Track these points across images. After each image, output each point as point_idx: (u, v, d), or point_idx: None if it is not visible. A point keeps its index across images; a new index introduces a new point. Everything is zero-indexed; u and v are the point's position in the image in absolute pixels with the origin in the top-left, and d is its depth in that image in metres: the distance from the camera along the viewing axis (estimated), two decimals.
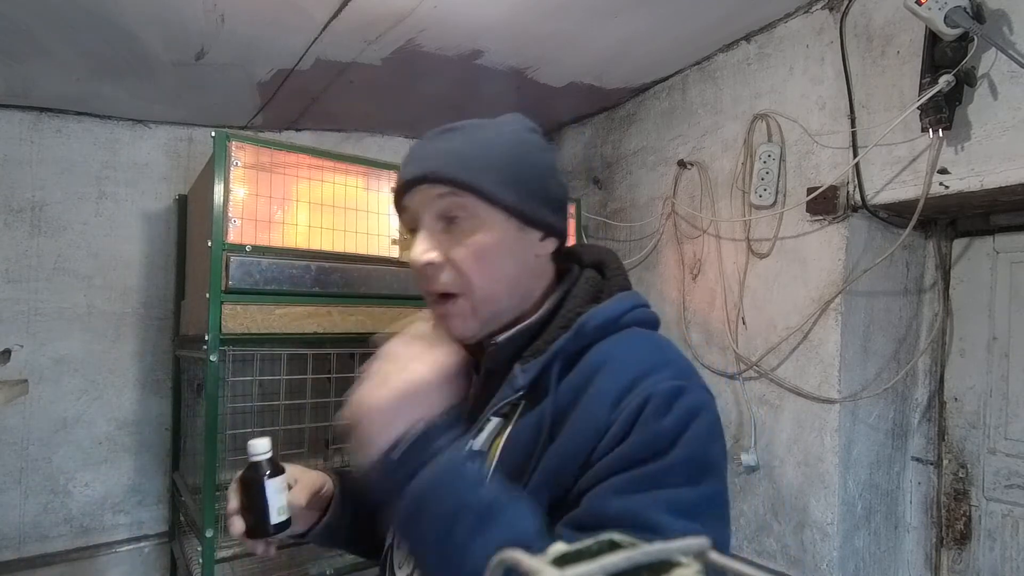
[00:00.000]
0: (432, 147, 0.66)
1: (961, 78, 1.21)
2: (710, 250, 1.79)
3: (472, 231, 0.64)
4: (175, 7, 1.35)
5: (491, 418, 0.65)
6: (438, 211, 0.65)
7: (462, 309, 0.66)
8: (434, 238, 0.66)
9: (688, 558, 0.22)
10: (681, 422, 0.57)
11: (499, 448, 0.64)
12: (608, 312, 0.66)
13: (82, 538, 1.87)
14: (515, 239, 0.66)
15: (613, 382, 0.60)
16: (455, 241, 0.65)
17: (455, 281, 0.65)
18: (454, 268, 0.65)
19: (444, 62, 1.70)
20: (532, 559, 0.21)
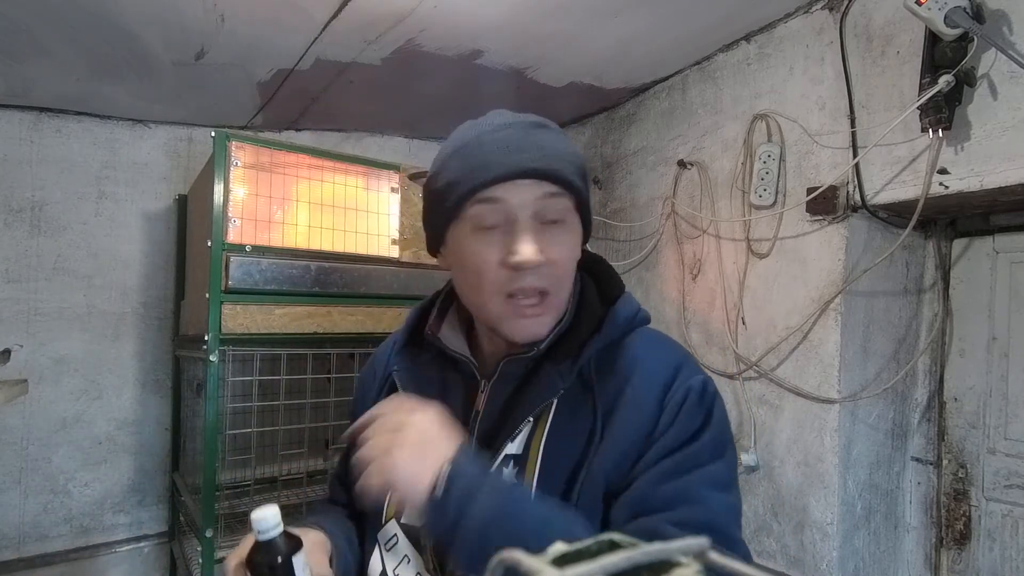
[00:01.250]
0: (533, 141, 0.65)
1: (961, 78, 1.21)
2: (710, 250, 1.79)
3: (568, 234, 0.68)
4: (175, 7, 1.35)
5: (531, 419, 0.66)
6: (540, 209, 0.65)
7: (551, 305, 0.68)
8: (539, 233, 0.65)
9: (688, 558, 0.22)
10: (709, 409, 0.65)
11: (540, 450, 0.64)
12: (625, 313, 0.71)
13: (82, 538, 1.87)
14: (578, 245, 0.71)
15: (654, 381, 0.66)
16: (555, 241, 0.66)
17: (551, 276, 0.66)
18: (554, 268, 0.66)
19: (444, 62, 1.70)
20: (532, 559, 0.21)
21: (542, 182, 0.64)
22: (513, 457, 0.65)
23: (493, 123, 0.67)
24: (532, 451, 0.65)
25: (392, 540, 0.71)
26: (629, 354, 0.69)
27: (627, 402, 0.65)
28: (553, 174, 0.64)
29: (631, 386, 0.66)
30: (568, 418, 0.65)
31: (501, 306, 0.67)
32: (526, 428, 0.66)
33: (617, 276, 0.77)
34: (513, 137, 0.65)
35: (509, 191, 0.64)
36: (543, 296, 0.67)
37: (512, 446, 0.65)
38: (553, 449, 0.64)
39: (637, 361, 0.68)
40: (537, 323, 0.68)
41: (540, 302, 0.67)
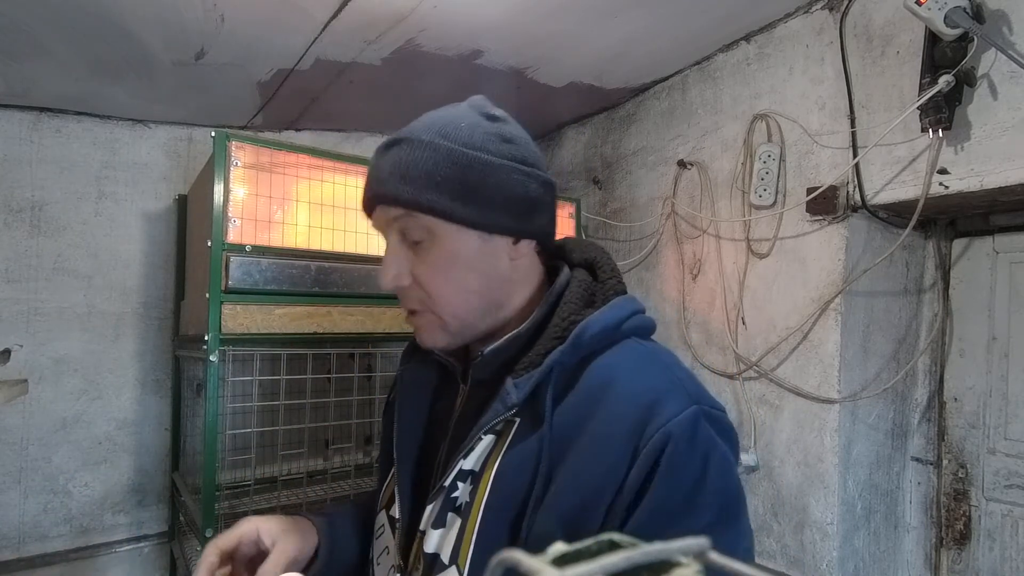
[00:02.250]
0: (382, 163, 0.63)
1: (961, 78, 1.21)
2: (710, 250, 1.79)
3: (432, 249, 0.62)
4: (175, 7, 1.35)
5: (483, 436, 0.61)
6: (400, 232, 0.64)
7: (429, 321, 0.65)
8: (400, 257, 0.64)
9: (688, 558, 0.22)
10: (703, 462, 0.53)
11: (494, 469, 0.59)
12: (606, 320, 0.62)
13: (82, 538, 1.87)
14: (478, 250, 0.63)
15: (623, 412, 0.55)
16: (419, 259, 0.63)
17: (422, 299, 0.64)
18: (419, 286, 0.63)
19: (444, 62, 1.70)
20: (532, 559, 0.21)
21: (385, 207, 0.63)
22: (470, 473, 0.61)
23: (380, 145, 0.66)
24: (486, 470, 0.60)
25: (380, 529, 0.73)
26: (602, 374, 0.59)
27: (589, 437, 0.56)
28: (389, 198, 0.61)
29: (596, 418, 0.56)
30: (525, 443, 0.59)
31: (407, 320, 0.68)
32: (482, 444, 0.61)
33: (616, 276, 0.69)
34: (373, 162, 0.65)
35: (374, 218, 0.66)
36: (421, 313, 0.65)
37: (468, 461, 0.61)
38: (506, 473, 0.59)
39: (610, 385, 0.58)
40: (422, 336, 0.66)
41: (420, 319, 0.66)
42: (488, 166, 0.61)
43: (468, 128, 0.62)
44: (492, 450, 0.61)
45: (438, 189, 0.60)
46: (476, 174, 0.61)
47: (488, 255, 0.63)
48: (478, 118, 0.64)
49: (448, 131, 0.61)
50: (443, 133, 0.61)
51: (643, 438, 0.53)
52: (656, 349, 0.65)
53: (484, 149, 0.61)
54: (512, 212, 0.63)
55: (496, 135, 0.63)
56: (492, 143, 0.62)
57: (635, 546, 0.22)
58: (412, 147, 0.61)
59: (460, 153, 0.60)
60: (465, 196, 0.60)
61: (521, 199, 0.63)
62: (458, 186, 0.60)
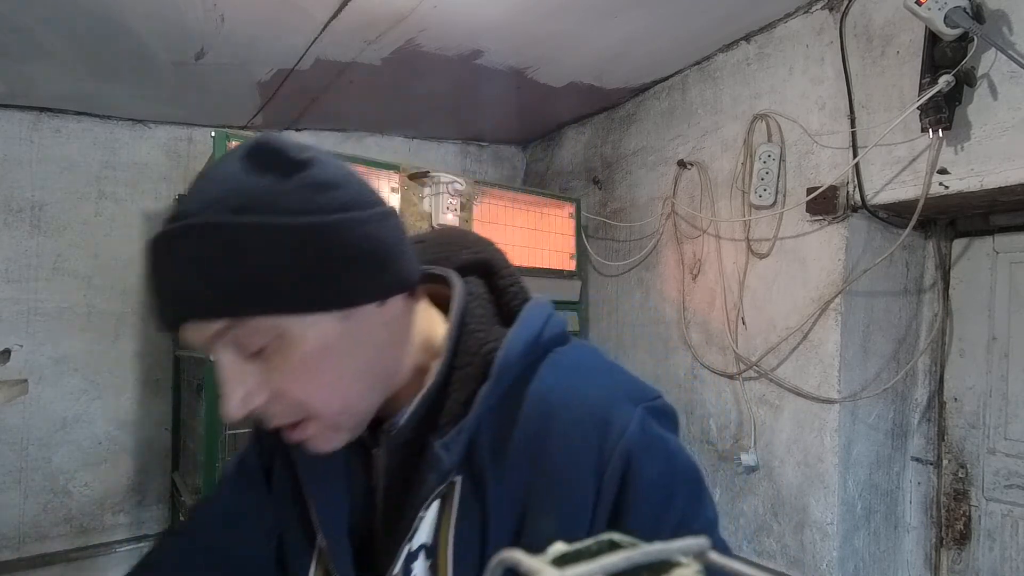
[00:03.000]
0: (173, 265, 0.46)
1: (961, 78, 1.21)
2: (710, 250, 1.79)
3: (284, 352, 0.48)
4: (175, 7, 1.35)
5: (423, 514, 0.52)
6: (228, 345, 0.48)
7: (317, 430, 0.52)
8: (244, 374, 0.48)
9: (688, 558, 0.22)
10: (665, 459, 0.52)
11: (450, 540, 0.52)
12: (525, 338, 0.54)
13: (82, 538, 1.87)
14: (342, 333, 0.49)
15: (574, 442, 0.50)
16: (270, 368, 0.48)
17: (293, 410, 0.50)
18: (284, 399, 0.49)
19: (444, 62, 1.70)
20: (532, 559, 0.21)
21: (197, 323, 0.47)
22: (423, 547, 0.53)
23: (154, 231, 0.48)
24: (442, 542, 0.52)
25: None
26: (537, 406, 0.52)
27: (547, 478, 0.50)
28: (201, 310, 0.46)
29: (546, 453, 0.51)
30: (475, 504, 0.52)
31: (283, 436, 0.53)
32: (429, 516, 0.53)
33: (513, 276, 0.59)
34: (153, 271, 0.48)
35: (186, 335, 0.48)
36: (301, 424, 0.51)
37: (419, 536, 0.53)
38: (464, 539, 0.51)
39: (550, 417, 0.51)
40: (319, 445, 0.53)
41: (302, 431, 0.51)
42: (319, 231, 0.46)
43: (272, 190, 0.46)
44: (441, 516, 0.53)
45: (268, 280, 0.45)
46: (308, 246, 0.46)
47: (356, 332, 0.50)
48: (275, 173, 0.47)
49: (248, 202, 0.45)
50: (242, 206, 0.45)
51: (601, 463, 0.50)
52: (578, 357, 0.57)
53: (304, 210, 0.46)
54: (366, 273, 0.49)
55: (310, 187, 0.47)
56: (309, 199, 0.47)
57: (635, 546, 0.22)
58: (209, 235, 0.45)
59: (278, 227, 0.45)
60: (305, 278, 0.46)
61: (371, 254, 0.49)
62: (292, 269, 0.46)
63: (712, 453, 1.75)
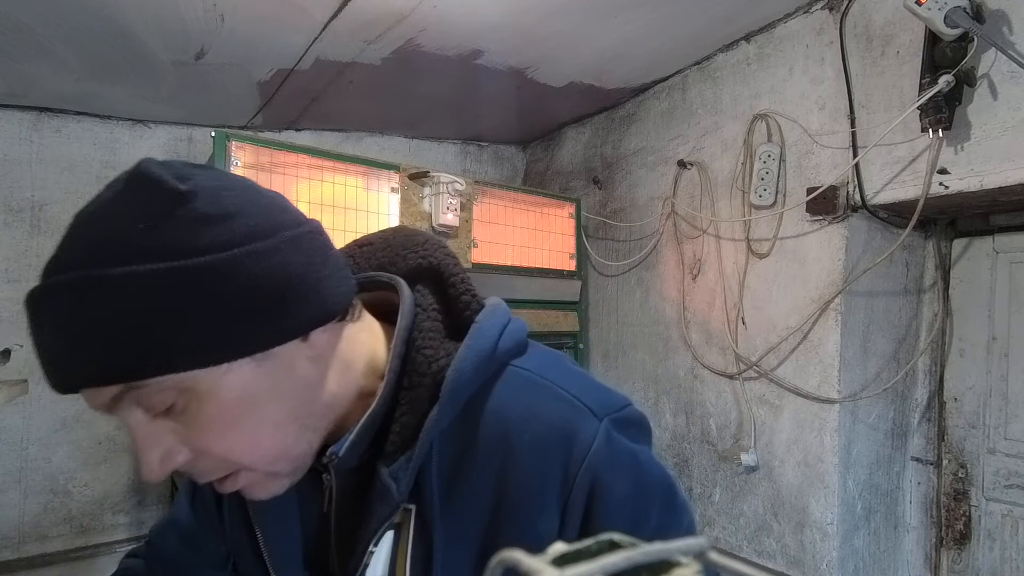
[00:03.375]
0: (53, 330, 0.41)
1: (961, 78, 1.21)
2: (710, 250, 1.79)
3: (195, 409, 0.43)
4: (175, 7, 1.35)
5: (374, 548, 0.49)
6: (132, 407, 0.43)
7: (252, 479, 0.47)
8: (156, 434, 0.43)
9: (688, 558, 0.22)
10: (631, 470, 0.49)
11: (407, 571, 0.48)
12: (477, 354, 0.49)
13: (82, 538, 1.87)
14: (260, 377, 0.44)
15: (536, 464, 0.47)
16: (184, 425, 0.43)
17: (222, 465, 0.46)
18: (208, 455, 0.45)
19: (444, 62, 1.70)
20: (532, 559, 0.21)
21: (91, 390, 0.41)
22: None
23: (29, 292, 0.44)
24: (398, 571, 0.49)
25: None
26: (493, 427, 0.49)
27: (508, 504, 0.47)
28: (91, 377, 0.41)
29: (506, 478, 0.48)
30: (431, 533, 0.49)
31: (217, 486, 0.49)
32: (384, 546, 0.49)
33: (467, 287, 0.54)
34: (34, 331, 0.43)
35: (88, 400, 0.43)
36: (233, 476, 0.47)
37: (373, 569, 0.49)
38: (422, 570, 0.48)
39: (506, 436, 0.48)
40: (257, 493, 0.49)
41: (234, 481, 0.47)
42: (211, 271, 0.41)
43: (149, 232, 0.40)
44: (397, 545, 0.49)
45: (162, 336, 0.40)
46: (202, 291, 0.40)
47: (278, 374, 0.45)
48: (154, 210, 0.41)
49: (126, 248, 0.40)
50: (118, 255, 0.39)
51: (566, 483, 0.47)
52: (536, 369, 0.53)
53: (192, 250, 0.40)
54: (278, 311, 0.43)
55: (196, 220, 0.41)
56: (196, 236, 0.41)
57: (635, 546, 0.22)
58: (86, 292, 0.39)
59: (164, 272, 0.39)
60: (204, 327, 0.41)
61: (281, 289, 0.43)
62: (187, 319, 0.40)
63: (712, 453, 1.75)
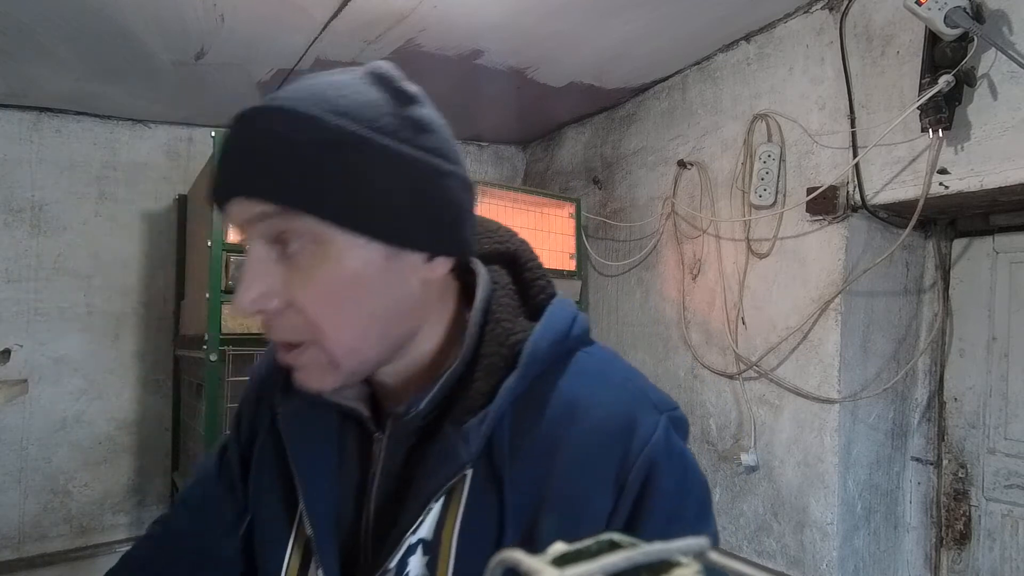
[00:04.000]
0: (244, 137, 0.45)
1: (961, 78, 1.21)
2: (710, 250, 1.79)
3: (316, 264, 0.45)
4: (175, 7, 1.35)
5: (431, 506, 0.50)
6: (270, 236, 0.46)
7: (315, 360, 0.49)
8: (268, 271, 0.46)
9: (688, 558, 0.22)
10: (682, 469, 0.51)
11: (453, 538, 0.49)
12: (553, 334, 0.52)
13: (81, 538, 1.87)
14: (382, 269, 0.47)
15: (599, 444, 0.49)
16: (295, 276, 0.46)
17: (302, 328, 0.47)
18: (299, 313, 0.47)
19: (444, 62, 1.70)
20: (532, 559, 0.21)
21: (247, 200, 0.45)
22: (422, 542, 0.50)
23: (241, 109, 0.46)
24: (444, 537, 0.49)
25: None
26: (561, 403, 0.50)
27: (565, 481, 0.48)
28: (257, 189, 0.44)
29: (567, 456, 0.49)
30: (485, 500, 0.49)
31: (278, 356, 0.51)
32: (432, 512, 0.50)
33: (542, 273, 0.57)
34: (226, 140, 0.46)
35: (230, 211, 0.47)
36: (300, 348, 0.48)
37: (421, 530, 0.50)
38: (470, 538, 0.49)
39: (574, 415, 0.50)
40: (303, 376, 0.50)
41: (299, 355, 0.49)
42: (401, 160, 0.45)
43: (372, 107, 0.46)
44: (446, 511, 0.50)
45: (331, 182, 0.44)
46: (384, 169, 0.45)
47: (395, 275, 0.48)
48: (384, 95, 0.47)
49: (344, 106, 0.45)
50: (337, 108, 0.44)
51: (625, 467, 0.48)
52: (605, 358, 0.56)
53: (400, 139, 0.46)
54: (429, 222, 0.48)
55: (410, 121, 0.47)
56: (404, 130, 0.46)
57: (635, 546, 0.22)
58: (292, 121, 0.44)
59: (362, 138, 0.44)
60: (369, 197, 0.45)
61: (440, 205, 0.48)
62: (360, 182, 0.44)
63: (712, 453, 1.75)
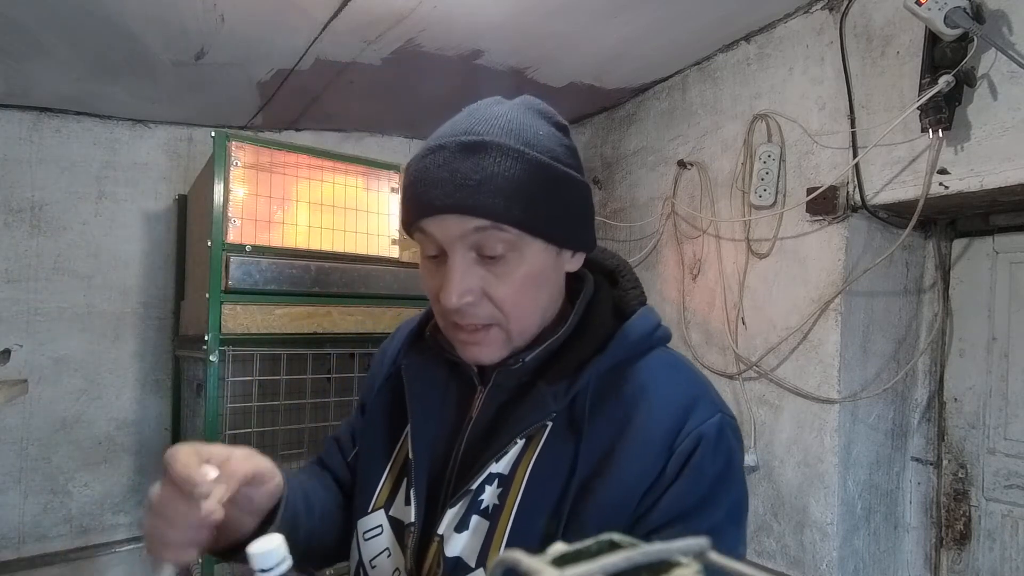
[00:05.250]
0: (464, 168, 0.57)
1: (961, 78, 1.21)
2: (710, 250, 1.79)
3: (515, 267, 0.59)
4: (175, 7, 1.35)
5: (518, 441, 0.61)
6: (474, 243, 0.58)
7: (496, 338, 0.62)
8: (472, 272, 0.59)
9: (688, 558, 0.22)
10: (726, 464, 0.59)
11: (527, 474, 0.60)
12: (641, 330, 0.65)
13: (81, 538, 1.87)
14: (552, 265, 0.63)
15: (661, 417, 0.59)
16: (494, 275, 0.59)
17: (492, 314, 0.61)
18: (493, 304, 0.60)
19: (444, 62, 1.70)
20: (532, 559, 0.21)
21: (463, 217, 0.57)
22: (498, 476, 0.61)
23: (428, 144, 0.60)
24: (518, 474, 0.60)
25: (375, 530, 0.68)
26: (637, 381, 0.62)
27: (628, 441, 0.59)
28: (474, 209, 0.56)
29: (634, 422, 0.59)
30: (559, 448, 0.60)
31: (449, 330, 0.64)
32: (516, 447, 0.61)
33: (638, 286, 0.70)
34: (432, 167, 0.58)
35: (434, 225, 0.59)
36: (487, 328, 0.61)
37: (499, 465, 0.61)
38: (539, 476, 0.60)
39: (646, 391, 0.61)
40: (482, 351, 0.63)
41: (485, 334, 0.61)
42: (567, 181, 0.61)
43: (548, 138, 0.61)
44: (523, 454, 0.61)
45: (531, 203, 0.58)
46: (560, 188, 0.60)
47: (555, 270, 0.64)
48: (549, 126, 0.63)
49: (531, 140, 0.59)
50: (526, 141, 0.59)
51: (678, 439, 0.58)
52: (680, 357, 0.68)
53: (562, 162, 0.60)
54: (578, 225, 0.63)
55: (567, 147, 0.63)
56: (565, 155, 0.62)
57: (635, 546, 0.22)
58: (501, 155, 0.57)
59: (547, 166, 0.59)
60: (550, 211, 0.59)
61: (584, 212, 0.64)
62: (546, 201, 0.59)
63: None
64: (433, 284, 0.62)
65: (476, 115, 0.61)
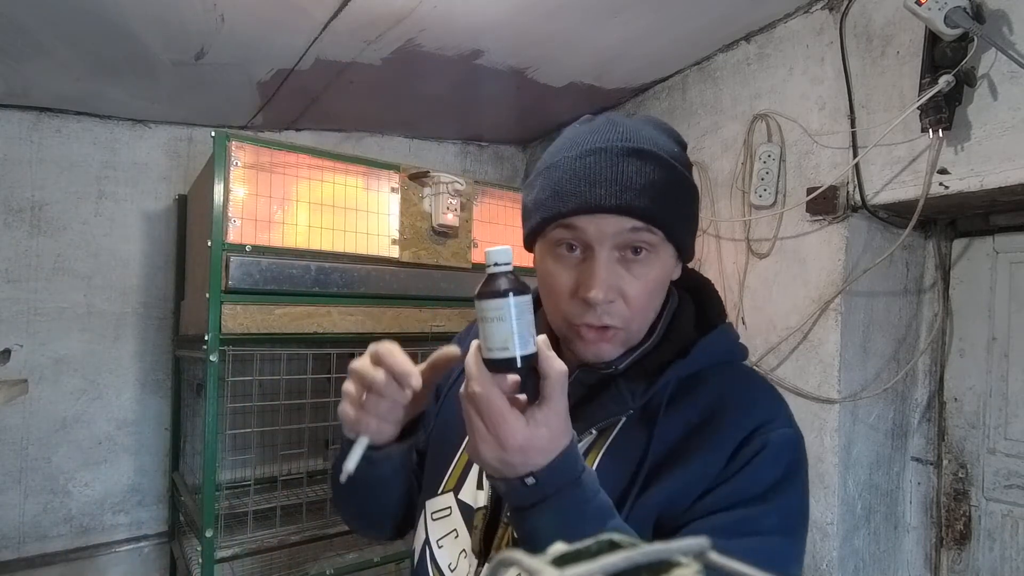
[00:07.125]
0: (618, 173, 0.61)
1: (961, 78, 1.21)
2: (710, 250, 1.79)
3: (652, 268, 0.63)
4: (175, 7, 1.35)
5: (592, 431, 0.64)
6: (621, 242, 0.62)
7: (617, 337, 0.65)
8: (615, 272, 0.62)
9: (688, 558, 0.22)
10: (786, 472, 0.60)
11: (595, 463, 0.63)
12: (723, 343, 0.68)
13: (82, 538, 1.87)
14: (671, 272, 0.67)
15: (733, 425, 0.61)
16: (631, 274, 0.62)
17: (621, 314, 0.63)
18: (625, 303, 0.63)
19: (444, 62, 1.70)
20: (531, 559, 0.21)
21: (622, 217, 0.61)
22: None
23: (584, 145, 0.63)
24: (589, 461, 0.63)
25: (444, 511, 0.71)
26: (715, 390, 0.65)
27: (699, 439, 0.61)
28: (635, 210, 0.60)
29: (709, 422, 0.62)
30: (630, 443, 0.63)
31: (566, 330, 0.66)
32: (588, 439, 0.64)
33: (720, 304, 0.74)
34: (596, 167, 0.61)
35: (587, 222, 0.62)
36: (607, 329, 0.64)
37: None
38: (608, 468, 0.62)
39: (723, 399, 0.64)
40: (600, 349, 0.65)
41: (603, 334, 0.64)
42: (696, 193, 0.67)
43: (681, 154, 0.66)
44: (594, 444, 0.64)
45: (675, 211, 0.62)
46: (692, 201, 0.66)
47: (670, 274, 0.68)
48: (676, 144, 0.68)
49: (675, 154, 0.65)
50: (672, 155, 0.64)
51: (746, 440, 0.61)
52: (760, 375, 0.72)
53: (691, 175, 0.67)
54: (693, 238, 0.69)
55: (690, 163, 0.69)
56: (690, 169, 0.68)
57: (635, 546, 0.22)
58: (658, 163, 0.62)
59: (687, 179, 0.65)
60: (685, 221, 0.65)
61: (697, 226, 0.70)
62: (683, 211, 0.64)
63: None
64: (564, 280, 0.64)
65: (621, 125, 0.65)
